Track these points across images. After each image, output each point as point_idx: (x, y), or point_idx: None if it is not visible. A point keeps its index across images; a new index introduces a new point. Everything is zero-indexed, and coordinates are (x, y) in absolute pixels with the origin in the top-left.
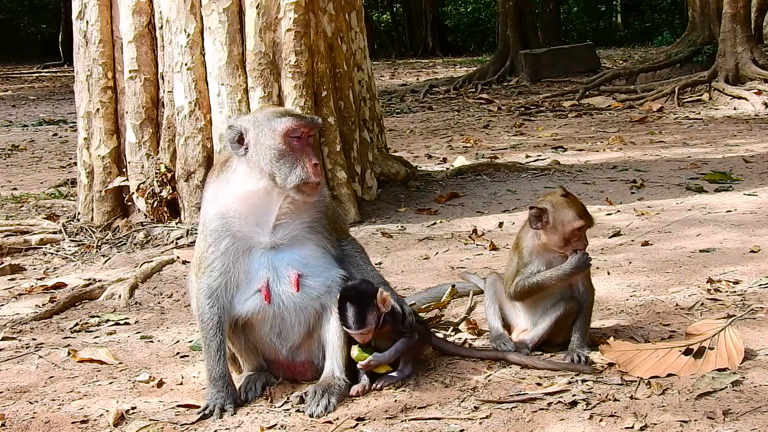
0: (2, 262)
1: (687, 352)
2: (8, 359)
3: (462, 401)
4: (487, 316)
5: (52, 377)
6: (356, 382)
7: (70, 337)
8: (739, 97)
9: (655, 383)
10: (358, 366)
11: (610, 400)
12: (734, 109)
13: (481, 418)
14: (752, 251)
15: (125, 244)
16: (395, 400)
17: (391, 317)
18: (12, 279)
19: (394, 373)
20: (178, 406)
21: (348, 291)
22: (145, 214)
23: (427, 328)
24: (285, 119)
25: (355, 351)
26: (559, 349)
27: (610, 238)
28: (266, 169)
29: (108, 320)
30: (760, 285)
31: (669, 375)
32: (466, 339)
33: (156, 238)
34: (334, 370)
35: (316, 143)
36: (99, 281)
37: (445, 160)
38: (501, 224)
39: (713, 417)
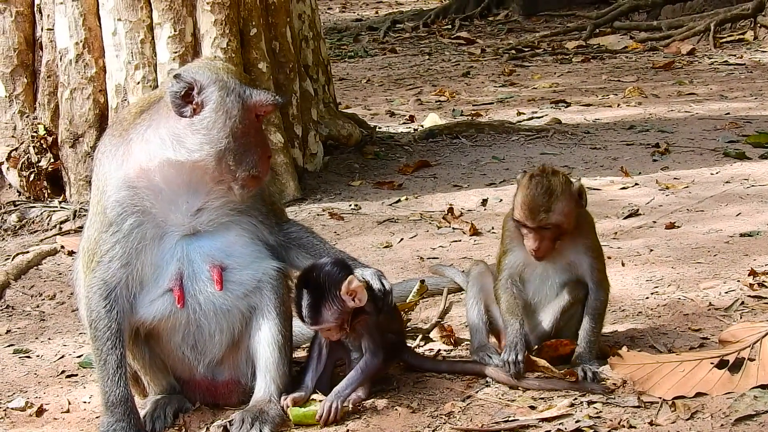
0: None
1: (721, 364)
2: None
3: (434, 430)
4: (469, 319)
5: None
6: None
7: None
8: None
9: (681, 405)
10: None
11: (623, 427)
12: None
13: None
14: None
15: None
16: (347, 430)
17: (368, 306)
18: None
19: (353, 395)
20: None
21: (309, 272)
22: (18, 191)
23: (401, 336)
24: (260, 91)
25: (297, 410)
26: (560, 362)
27: (625, 219)
28: (218, 144)
29: None
30: None
31: (698, 394)
32: (440, 350)
33: (33, 222)
34: (268, 391)
35: None
36: None
37: (412, 119)
38: (484, 202)
39: None
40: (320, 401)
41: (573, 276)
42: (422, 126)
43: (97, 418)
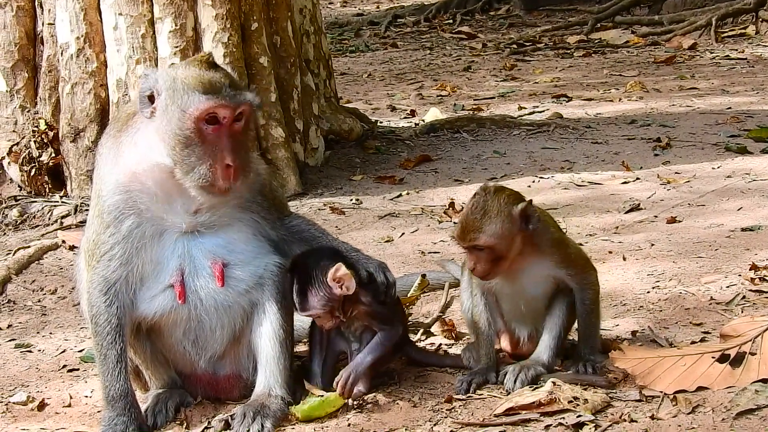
0: None
1: (722, 358)
2: None
3: (435, 424)
4: (464, 313)
5: None
6: (297, 399)
7: None
8: None
9: (683, 399)
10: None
11: (625, 421)
12: None
13: None
14: None
15: None
16: (349, 424)
17: (368, 295)
18: None
19: (360, 387)
20: None
21: (298, 258)
22: (19, 185)
23: (404, 331)
24: (200, 98)
25: (301, 407)
26: (562, 357)
27: (626, 213)
28: (170, 153)
29: None
30: None
31: (699, 388)
32: (441, 344)
33: (34, 217)
34: (270, 385)
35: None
36: None
37: (413, 114)
38: None
39: None
40: (319, 396)
41: (550, 285)
42: (423, 120)
43: (98, 412)
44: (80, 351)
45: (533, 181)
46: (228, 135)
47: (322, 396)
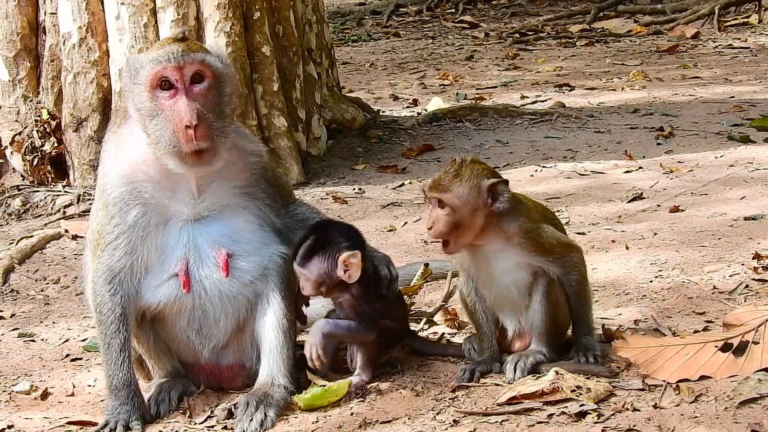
0: None
1: (725, 347)
2: None
3: (438, 413)
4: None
5: None
6: (300, 388)
7: None
8: None
9: (685, 388)
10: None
11: (627, 410)
12: None
13: None
14: None
15: None
16: (351, 413)
17: (359, 290)
18: None
19: (363, 377)
20: (69, 423)
21: (328, 224)
22: (22, 175)
23: (405, 322)
24: (149, 66)
25: (303, 396)
26: (563, 348)
27: (629, 202)
28: (142, 130)
29: None
30: None
31: (702, 377)
32: (443, 333)
33: (37, 206)
34: (273, 374)
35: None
36: None
37: (415, 103)
38: None
39: (759, 430)
40: (322, 385)
41: (525, 274)
42: (426, 110)
43: (101, 401)
44: (83, 340)
45: (536, 171)
46: (186, 97)
47: (325, 385)
